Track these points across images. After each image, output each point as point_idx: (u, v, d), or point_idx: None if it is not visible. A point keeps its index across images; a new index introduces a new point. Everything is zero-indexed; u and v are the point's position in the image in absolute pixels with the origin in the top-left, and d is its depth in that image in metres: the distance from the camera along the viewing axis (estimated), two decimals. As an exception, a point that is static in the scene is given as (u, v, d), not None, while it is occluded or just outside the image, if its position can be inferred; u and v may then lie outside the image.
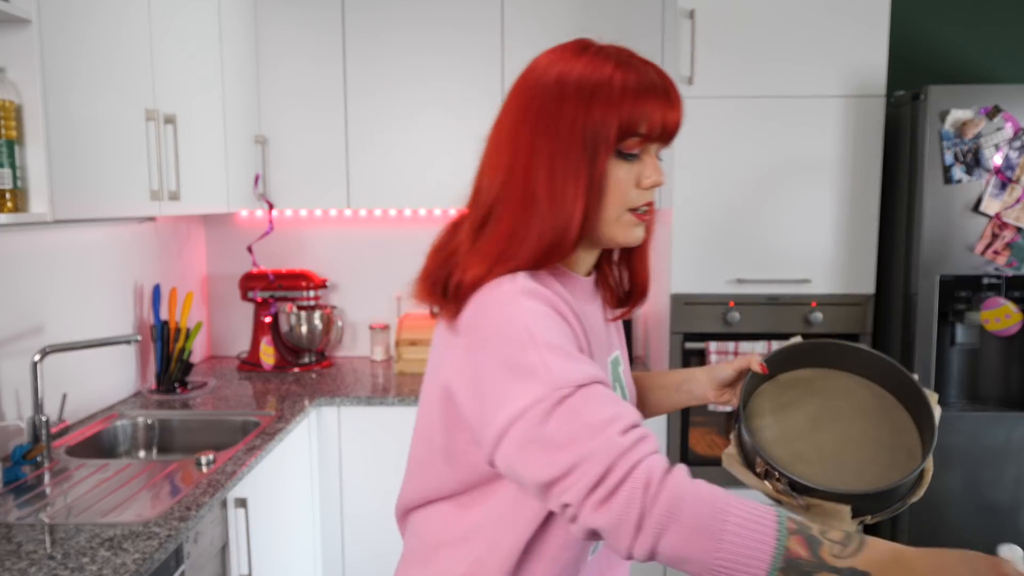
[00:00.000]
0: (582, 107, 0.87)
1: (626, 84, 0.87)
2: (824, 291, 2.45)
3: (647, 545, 0.74)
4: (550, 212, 0.87)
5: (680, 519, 0.73)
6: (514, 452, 0.80)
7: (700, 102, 2.39)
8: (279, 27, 2.65)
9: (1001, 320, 2.23)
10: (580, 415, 0.78)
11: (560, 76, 0.89)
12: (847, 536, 0.76)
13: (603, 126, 0.87)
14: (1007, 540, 2.78)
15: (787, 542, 0.73)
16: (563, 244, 0.88)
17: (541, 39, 2.62)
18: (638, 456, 0.75)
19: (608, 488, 0.74)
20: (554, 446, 0.77)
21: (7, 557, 1.33)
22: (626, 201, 0.90)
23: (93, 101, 1.69)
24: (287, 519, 2.18)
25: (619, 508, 0.74)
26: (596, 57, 0.89)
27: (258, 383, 2.61)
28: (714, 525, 0.72)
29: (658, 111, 0.88)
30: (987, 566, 0.73)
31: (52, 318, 2.00)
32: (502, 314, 0.84)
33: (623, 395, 1.04)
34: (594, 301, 1.02)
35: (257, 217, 2.95)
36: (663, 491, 0.74)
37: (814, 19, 2.36)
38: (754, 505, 0.75)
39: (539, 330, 0.82)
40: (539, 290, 0.86)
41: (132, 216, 1.93)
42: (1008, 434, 2.33)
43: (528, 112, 0.90)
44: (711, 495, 0.74)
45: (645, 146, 0.90)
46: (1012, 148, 2.23)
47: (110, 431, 2.12)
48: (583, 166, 0.87)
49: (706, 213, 2.43)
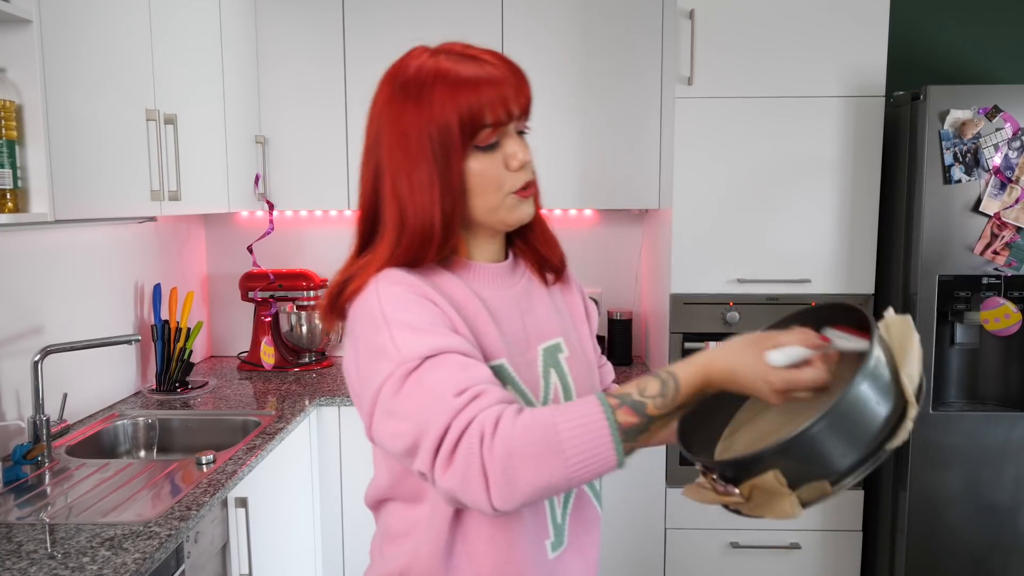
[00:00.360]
0: (423, 117, 0.90)
1: (457, 83, 0.89)
2: (824, 291, 2.45)
3: (504, 493, 0.77)
4: (414, 223, 0.91)
5: (520, 455, 0.76)
6: (379, 428, 0.86)
7: (700, 102, 2.39)
8: (279, 27, 2.65)
9: (1001, 320, 2.23)
10: (423, 385, 0.82)
11: (394, 93, 0.93)
12: (662, 383, 0.81)
13: (446, 131, 0.89)
14: (1007, 540, 2.76)
15: (616, 418, 0.79)
16: (429, 247, 0.92)
17: (541, 39, 2.64)
18: (472, 413, 0.79)
19: (448, 450, 0.78)
20: (403, 416, 0.82)
21: (7, 557, 1.33)
22: (503, 187, 0.94)
23: (93, 101, 1.69)
24: (287, 519, 2.18)
25: (461, 466, 0.78)
26: (425, 65, 0.92)
27: (258, 383, 2.61)
28: (552, 442, 0.76)
29: (497, 97, 0.89)
30: (758, 339, 0.81)
31: (52, 318, 2.00)
32: (364, 306, 0.89)
33: (562, 383, 1.00)
34: (510, 286, 1.02)
35: (257, 217, 2.95)
36: (496, 439, 0.77)
37: (814, 19, 2.36)
38: (576, 404, 0.80)
39: (391, 311, 0.87)
40: (400, 277, 0.91)
41: (132, 216, 1.94)
42: (1007, 434, 2.33)
43: (381, 133, 0.94)
44: (535, 419, 0.78)
45: (501, 131, 0.92)
46: (1011, 148, 2.23)
47: (110, 431, 2.12)
48: (435, 175, 0.90)
49: (706, 213, 2.43)
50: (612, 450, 0.78)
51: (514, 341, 0.98)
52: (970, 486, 2.35)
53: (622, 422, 0.79)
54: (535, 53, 2.62)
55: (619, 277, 2.98)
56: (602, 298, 2.97)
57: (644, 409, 0.80)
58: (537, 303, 1.04)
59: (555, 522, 0.99)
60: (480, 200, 0.94)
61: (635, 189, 2.67)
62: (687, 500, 2.65)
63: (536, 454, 0.76)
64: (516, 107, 0.91)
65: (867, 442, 0.79)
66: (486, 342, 0.94)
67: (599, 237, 2.96)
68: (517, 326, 0.99)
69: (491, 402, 0.80)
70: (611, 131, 2.65)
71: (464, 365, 0.84)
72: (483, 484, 0.77)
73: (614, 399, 0.81)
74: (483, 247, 1.01)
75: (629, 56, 2.62)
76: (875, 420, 0.79)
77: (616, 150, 2.66)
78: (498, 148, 0.93)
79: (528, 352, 0.99)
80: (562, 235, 1.14)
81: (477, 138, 0.91)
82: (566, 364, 1.02)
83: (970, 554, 2.38)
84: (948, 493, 2.36)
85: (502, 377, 0.93)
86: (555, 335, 1.03)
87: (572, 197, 2.68)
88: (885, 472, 2.50)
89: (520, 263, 1.06)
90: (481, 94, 0.89)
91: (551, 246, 1.07)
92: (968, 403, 2.42)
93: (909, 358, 0.83)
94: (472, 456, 0.77)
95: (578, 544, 1.02)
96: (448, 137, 0.89)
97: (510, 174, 0.94)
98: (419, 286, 0.90)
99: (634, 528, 2.54)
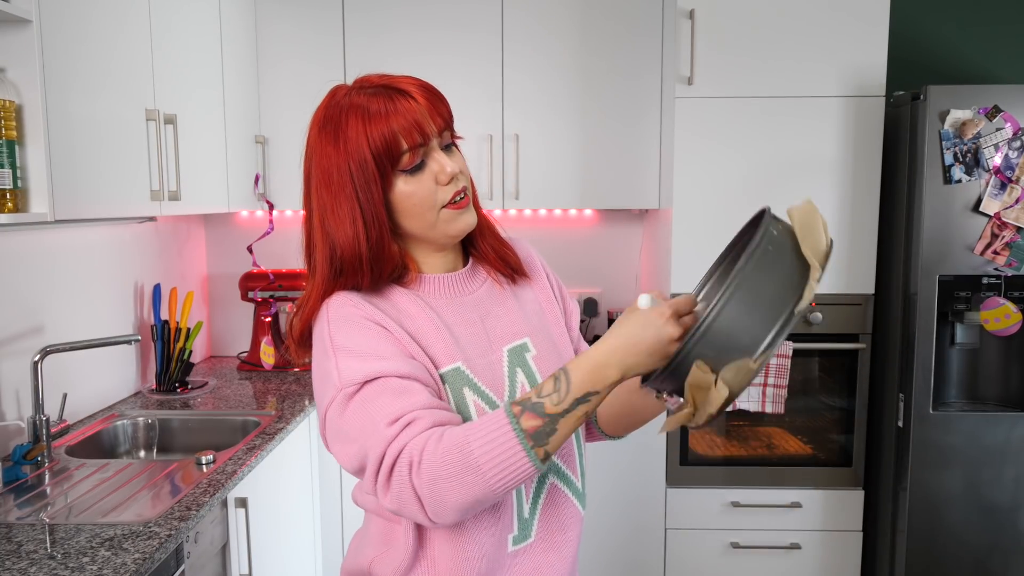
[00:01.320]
0: (341, 155, 0.96)
1: (367, 117, 0.95)
2: (824, 291, 2.45)
3: (437, 511, 0.85)
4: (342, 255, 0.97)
5: (444, 478, 0.83)
6: (331, 447, 0.94)
7: (700, 102, 2.39)
8: (279, 27, 2.65)
9: (1001, 320, 2.23)
10: (362, 410, 0.89)
11: (317, 133, 1.00)
12: (555, 380, 0.87)
13: (363, 164, 0.95)
14: (1007, 540, 2.76)
15: (521, 424, 0.84)
16: (363, 276, 0.97)
17: (541, 39, 2.64)
18: (402, 443, 0.86)
19: (384, 476, 0.87)
20: (349, 439, 0.90)
21: (7, 557, 1.33)
22: (436, 203, 0.98)
23: (93, 101, 1.69)
24: (287, 519, 2.18)
25: (397, 491, 0.86)
26: (340, 103, 0.99)
27: (258, 383, 2.61)
28: (468, 463, 0.83)
29: (409, 122, 0.94)
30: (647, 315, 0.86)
31: (52, 318, 2.00)
32: (317, 332, 0.98)
33: (529, 381, 1.02)
34: (468, 292, 1.06)
35: (257, 217, 2.95)
36: (423, 466, 0.84)
37: (814, 19, 2.36)
38: (487, 419, 0.85)
39: (337, 337, 0.94)
40: (348, 299, 0.97)
41: (132, 216, 1.94)
42: (1008, 434, 2.33)
43: (310, 175, 1.03)
44: (453, 442, 0.84)
45: (423, 152, 0.97)
46: (1012, 148, 2.23)
47: (110, 431, 2.12)
48: (356, 209, 0.96)
49: (706, 213, 2.43)
50: (525, 457, 0.84)
51: (474, 344, 1.01)
52: (970, 486, 2.35)
53: (527, 427, 0.84)
54: (535, 53, 2.62)
55: (619, 277, 2.98)
56: (602, 298, 2.97)
57: (543, 409, 0.85)
58: (500, 306, 1.07)
59: (521, 517, 1.01)
60: (416, 221, 0.99)
61: (635, 189, 2.67)
62: (687, 500, 2.65)
63: (456, 474, 0.83)
64: (430, 127, 0.96)
65: (774, 311, 0.83)
66: (438, 349, 0.98)
67: (599, 237, 2.96)
68: (477, 330, 1.03)
69: (421, 429, 0.87)
70: (611, 131, 2.65)
71: (400, 390, 0.89)
72: (418, 505, 0.86)
73: (518, 406, 0.86)
74: (434, 260, 1.05)
75: (629, 56, 2.62)
76: (778, 289, 0.83)
77: (616, 150, 2.66)
78: (425, 167, 0.97)
79: (491, 354, 1.02)
80: (562, 235, 1.15)
81: (400, 163, 0.96)
82: (533, 363, 1.04)
83: (970, 554, 2.38)
84: (948, 493, 2.36)
85: (459, 380, 0.97)
86: (521, 336, 1.06)
87: (572, 197, 2.68)
88: (885, 472, 2.50)
89: (480, 268, 1.09)
90: (391, 122, 0.94)
91: (502, 246, 1.10)
92: (968, 403, 2.42)
93: (811, 232, 0.86)
94: (404, 482, 0.85)
95: (551, 540, 1.04)
96: (366, 170, 0.95)
97: (441, 189, 0.98)
98: (365, 307, 0.96)
99: (634, 528, 2.54)
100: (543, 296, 1.13)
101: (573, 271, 2.94)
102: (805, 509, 2.54)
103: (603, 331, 2.97)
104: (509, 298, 1.08)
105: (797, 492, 2.54)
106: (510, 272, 1.10)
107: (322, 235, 1.00)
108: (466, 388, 0.98)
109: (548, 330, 1.10)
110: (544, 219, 2.92)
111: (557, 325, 1.12)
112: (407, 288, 1.02)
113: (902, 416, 2.40)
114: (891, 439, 2.47)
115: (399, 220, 0.99)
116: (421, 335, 0.98)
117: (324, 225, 0.99)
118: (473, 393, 0.98)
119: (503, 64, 2.63)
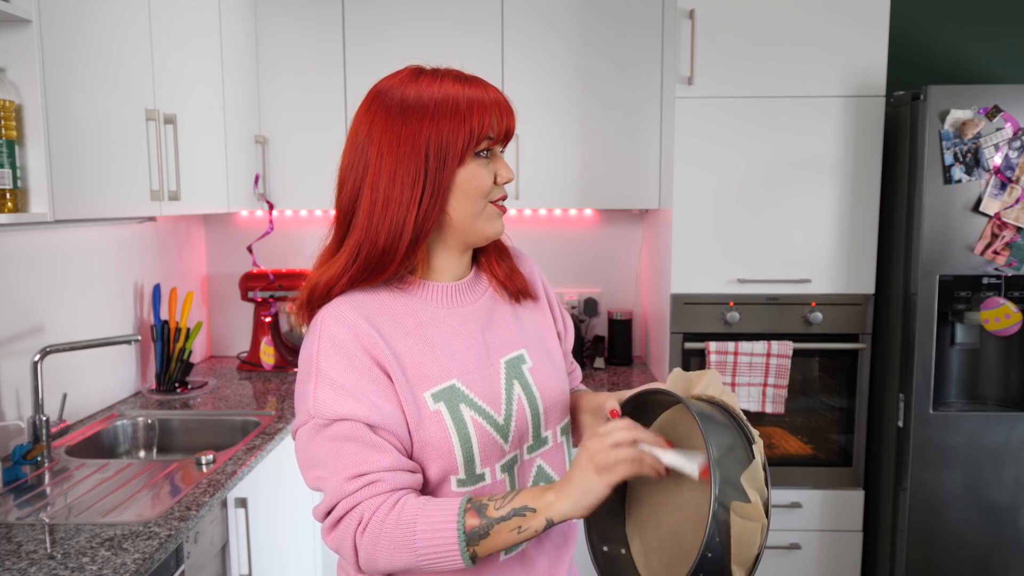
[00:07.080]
0: (428, 122, 0.95)
1: (471, 99, 0.97)
2: (824, 291, 2.45)
3: (368, 567, 0.93)
4: (380, 225, 0.96)
5: (382, 546, 0.90)
6: (298, 461, 0.98)
7: (700, 102, 2.39)
8: (279, 27, 2.65)
9: (1001, 320, 2.23)
10: (331, 446, 0.93)
11: (403, 98, 0.97)
12: (510, 490, 0.97)
13: (453, 135, 0.96)
14: (1007, 540, 2.77)
15: (464, 520, 0.89)
16: (389, 261, 0.98)
17: (541, 39, 2.64)
18: (357, 501, 0.92)
19: (331, 523, 0.93)
20: (312, 464, 0.95)
21: (7, 557, 1.33)
22: (488, 195, 1.01)
23: (93, 101, 1.69)
24: (287, 519, 2.18)
25: (339, 539, 0.93)
26: (434, 78, 0.99)
27: (258, 383, 2.61)
28: (407, 542, 0.89)
29: (499, 115, 0.99)
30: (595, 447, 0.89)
31: (52, 318, 2.00)
32: (307, 343, 0.98)
33: (525, 393, 1.03)
34: (469, 302, 1.06)
35: (257, 217, 2.95)
36: (367, 530, 0.91)
37: (814, 19, 2.36)
38: (440, 505, 0.90)
39: (323, 361, 0.95)
40: (346, 316, 0.96)
41: (132, 216, 1.93)
42: (1008, 434, 2.33)
43: (372, 133, 0.98)
44: (401, 518, 0.90)
45: (493, 148, 1.01)
46: (1012, 148, 2.23)
47: (110, 431, 2.12)
48: (420, 176, 0.96)
49: (706, 213, 2.43)
50: (457, 554, 0.89)
51: (472, 357, 1.02)
52: (970, 486, 2.35)
53: (468, 525, 0.89)
54: (535, 53, 2.62)
55: (619, 277, 2.98)
56: (602, 298, 2.97)
57: (485, 511, 0.90)
58: (499, 318, 1.08)
59: None
60: (468, 205, 1.00)
61: (635, 189, 2.67)
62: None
63: (394, 548, 0.90)
64: (510, 129, 1.01)
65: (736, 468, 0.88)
66: (432, 367, 0.98)
67: (599, 237, 2.96)
68: (476, 341, 1.03)
69: (378, 492, 0.92)
70: (611, 131, 2.65)
71: (369, 444, 0.93)
72: (353, 556, 0.93)
73: (471, 504, 0.91)
74: (449, 264, 1.05)
75: (629, 56, 2.62)
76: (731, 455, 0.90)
77: (616, 150, 2.66)
78: (489, 160, 1.01)
79: (489, 366, 1.02)
80: (562, 235, 1.16)
81: (480, 145, 0.98)
82: (530, 375, 1.05)
83: (970, 554, 2.38)
84: (948, 493, 2.36)
85: (455, 397, 0.97)
86: (518, 347, 1.07)
87: (572, 197, 2.68)
88: (885, 472, 2.50)
89: (483, 277, 1.10)
90: (489, 112, 0.97)
91: (511, 267, 1.12)
92: (968, 403, 2.42)
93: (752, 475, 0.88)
94: (347, 535, 0.92)
95: (541, 547, 1.05)
96: (452, 143, 0.96)
97: (495, 186, 1.02)
98: (360, 328, 0.96)
99: (634, 528, 2.54)
100: (544, 322, 1.14)
101: (573, 271, 2.94)
102: (805, 509, 2.54)
103: (603, 331, 2.98)
104: (507, 310, 1.09)
105: (797, 492, 2.54)
106: (515, 291, 1.11)
107: (368, 205, 0.97)
108: (463, 405, 0.98)
109: (545, 344, 1.11)
110: (544, 219, 2.92)
111: (553, 341, 1.14)
112: (408, 293, 1.02)
113: (902, 416, 2.40)
114: (891, 439, 2.47)
115: (452, 200, 0.99)
116: (414, 354, 0.98)
117: (374, 191, 0.97)
118: (471, 409, 0.98)
119: (503, 64, 2.63)
